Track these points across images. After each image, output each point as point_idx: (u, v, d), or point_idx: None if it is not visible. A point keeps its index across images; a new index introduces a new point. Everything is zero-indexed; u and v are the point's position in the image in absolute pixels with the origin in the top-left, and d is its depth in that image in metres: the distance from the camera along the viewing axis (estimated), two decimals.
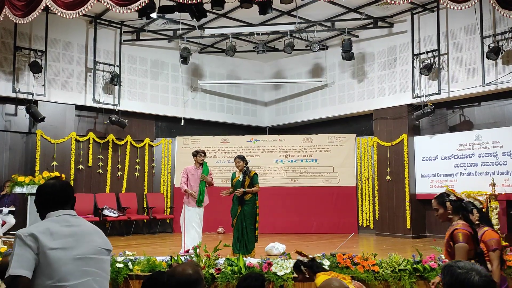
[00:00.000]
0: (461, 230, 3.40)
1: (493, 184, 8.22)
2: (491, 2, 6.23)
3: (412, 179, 9.80)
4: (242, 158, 7.01)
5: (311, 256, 4.05)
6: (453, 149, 9.28)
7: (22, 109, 9.06)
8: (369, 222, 10.47)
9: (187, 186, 7.34)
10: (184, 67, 11.24)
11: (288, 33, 10.12)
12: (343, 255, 5.27)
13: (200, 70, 11.79)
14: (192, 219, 7.43)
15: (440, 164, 9.47)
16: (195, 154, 7.45)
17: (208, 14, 8.34)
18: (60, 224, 2.17)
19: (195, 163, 7.43)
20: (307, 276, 3.83)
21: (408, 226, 9.63)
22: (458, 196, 3.62)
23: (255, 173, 7.02)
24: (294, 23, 9.58)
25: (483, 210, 3.91)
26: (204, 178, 7.26)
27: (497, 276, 3.47)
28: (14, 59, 8.97)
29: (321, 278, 3.50)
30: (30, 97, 9.03)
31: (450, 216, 3.58)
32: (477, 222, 3.83)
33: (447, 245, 3.51)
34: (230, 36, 10.26)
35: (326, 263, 5.12)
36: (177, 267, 2.43)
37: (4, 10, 7.09)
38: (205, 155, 7.52)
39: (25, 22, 7.10)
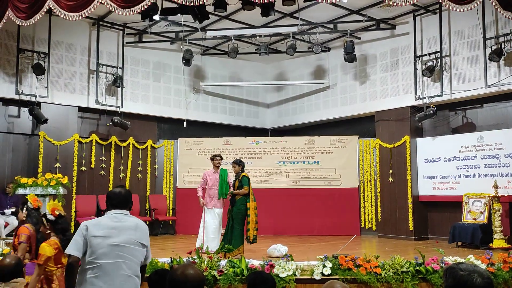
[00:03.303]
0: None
1: (496, 186, 8.19)
2: (493, 4, 6.22)
3: (414, 181, 9.78)
4: (237, 162, 7.36)
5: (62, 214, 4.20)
6: (456, 151, 9.26)
7: (25, 111, 9.09)
8: (372, 223, 10.45)
9: (204, 189, 7.84)
10: (186, 69, 11.26)
11: (291, 35, 10.13)
12: (346, 256, 5.26)
13: (203, 72, 11.81)
14: (210, 222, 7.63)
15: (442, 166, 9.45)
16: (212, 158, 7.92)
17: (210, 16, 8.36)
18: (110, 219, 2.93)
19: (213, 166, 7.86)
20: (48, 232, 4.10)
21: (411, 228, 9.61)
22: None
23: (244, 176, 7.25)
24: (297, 25, 9.59)
25: (33, 209, 4.81)
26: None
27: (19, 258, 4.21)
28: (17, 61, 9.01)
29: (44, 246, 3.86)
30: (33, 99, 9.05)
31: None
32: (23, 219, 4.82)
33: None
34: (232, 38, 10.27)
35: (328, 265, 5.12)
36: (183, 270, 2.38)
37: (7, 13, 7.11)
38: (221, 158, 7.93)
39: (28, 24, 7.12)
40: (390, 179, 10.06)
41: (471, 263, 2.05)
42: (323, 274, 5.06)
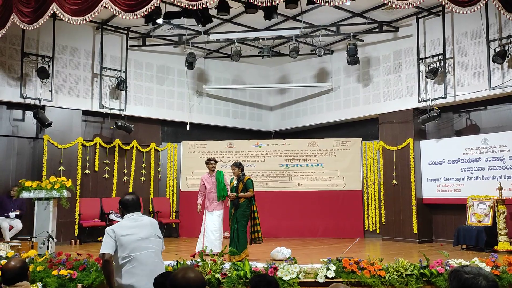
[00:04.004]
0: None
1: (500, 188, 8.16)
2: (497, 6, 6.21)
3: (418, 183, 9.75)
4: (237, 165, 7.31)
5: None
6: (460, 153, 9.23)
7: (29, 114, 9.14)
8: (375, 226, 10.42)
9: (204, 194, 7.86)
10: (189, 72, 11.29)
11: (293, 37, 10.15)
12: (349, 259, 5.25)
13: (206, 75, 11.83)
14: (210, 224, 7.64)
15: (446, 168, 9.42)
16: (207, 162, 7.94)
17: (213, 19, 8.39)
18: (129, 221, 3.61)
19: (209, 170, 7.90)
20: None
21: (415, 231, 9.58)
22: None
23: (249, 179, 7.26)
24: (299, 27, 9.60)
25: None
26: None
27: None
28: (22, 65, 9.06)
29: None
30: (37, 102, 9.10)
31: None
32: None
33: None
34: (235, 41, 10.29)
35: (332, 268, 5.11)
36: (184, 273, 2.38)
37: (11, 17, 7.16)
38: (215, 162, 7.97)
39: (32, 28, 7.17)
40: (394, 181, 10.04)
41: (476, 266, 2.04)
42: (327, 277, 5.05)
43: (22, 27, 7.23)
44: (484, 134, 8.96)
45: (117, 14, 6.64)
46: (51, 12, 6.89)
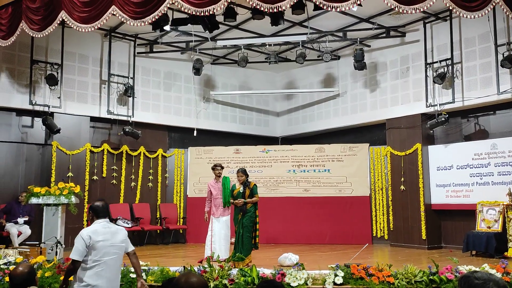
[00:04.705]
0: None
1: (510, 194, 8.07)
2: (505, 10, 6.18)
3: (427, 188, 9.68)
4: (244, 172, 7.31)
5: None
6: (469, 158, 9.15)
7: (38, 121, 9.22)
8: (384, 232, 10.35)
9: (211, 201, 7.80)
10: (196, 78, 11.33)
11: (300, 43, 10.16)
12: (358, 266, 5.22)
13: (213, 81, 11.88)
14: (219, 230, 7.62)
15: (455, 173, 9.34)
16: (213, 168, 7.91)
17: (220, 25, 8.44)
18: (101, 226, 3.85)
19: (215, 176, 7.87)
20: None
21: (424, 237, 9.50)
22: None
23: (255, 184, 7.29)
24: (306, 33, 9.62)
25: None
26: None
27: None
28: (31, 72, 9.15)
29: None
30: (46, 109, 9.18)
31: None
32: None
33: None
34: (242, 47, 10.33)
35: (340, 274, 5.08)
36: (186, 278, 2.39)
37: (21, 24, 7.25)
38: (222, 168, 7.94)
39: (41, 36, 7.25)
40: (402, 187, 9.98)
41: (486, 272, 2.01)
42: (335, 283, 5.02)
43: (31, 34, 7.32)
44: (493, 139, 8.89)
45: (125, 21, 6.70)
46: (60, 19, 6.97)
